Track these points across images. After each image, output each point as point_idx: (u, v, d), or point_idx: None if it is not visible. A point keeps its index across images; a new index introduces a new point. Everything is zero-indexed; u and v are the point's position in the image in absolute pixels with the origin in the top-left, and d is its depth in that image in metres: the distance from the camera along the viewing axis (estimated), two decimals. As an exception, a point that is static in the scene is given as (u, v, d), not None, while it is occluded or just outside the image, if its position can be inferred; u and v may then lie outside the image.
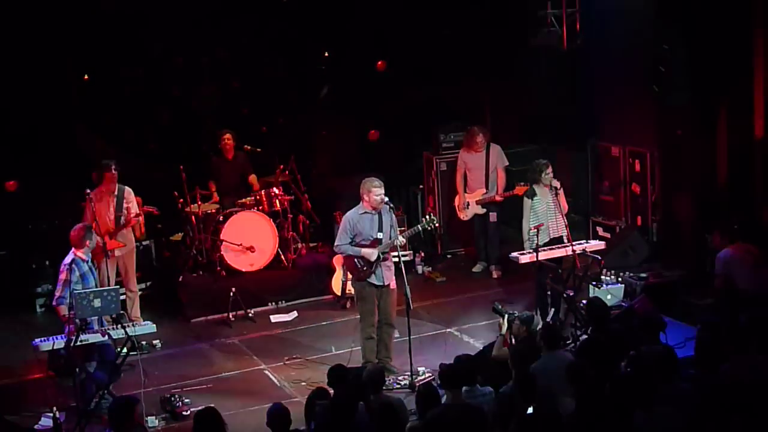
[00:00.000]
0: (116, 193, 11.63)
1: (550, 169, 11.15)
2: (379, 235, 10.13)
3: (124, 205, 11.65)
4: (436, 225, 10.36)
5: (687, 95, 12.24)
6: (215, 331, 12.13)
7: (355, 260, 10.17)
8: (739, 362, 7.58)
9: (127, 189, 11.75)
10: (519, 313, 9.59)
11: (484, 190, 13.23)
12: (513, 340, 9.29)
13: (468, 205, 13.32)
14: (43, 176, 13.28)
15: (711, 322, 8.40)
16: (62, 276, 9.67)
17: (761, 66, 11.78)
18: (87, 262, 9.78)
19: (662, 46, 12.20)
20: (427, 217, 10.41)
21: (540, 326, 9.35)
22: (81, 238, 9.83)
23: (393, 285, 10.31)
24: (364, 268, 10.15)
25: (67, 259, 9.73)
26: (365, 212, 10.14)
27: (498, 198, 13.07)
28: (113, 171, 11.55)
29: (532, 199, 11.12)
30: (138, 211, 11.76)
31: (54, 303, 9.79)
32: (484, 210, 13.26)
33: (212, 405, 8.23)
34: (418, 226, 10.54)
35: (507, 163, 13.33)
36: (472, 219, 13.47)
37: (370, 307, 10.24)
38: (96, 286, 9.76)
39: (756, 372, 7.40)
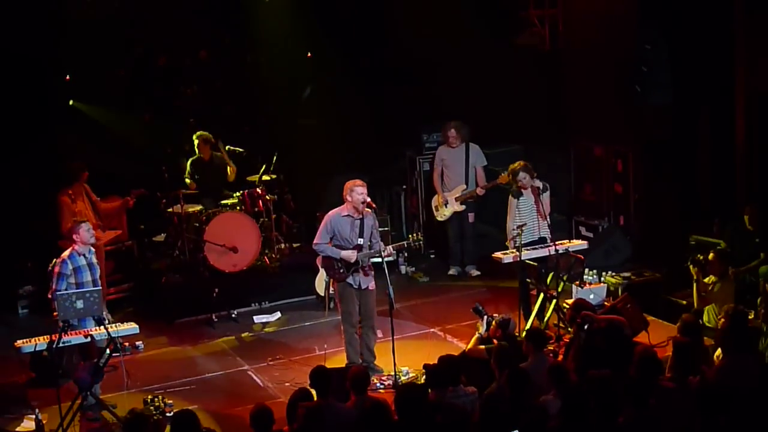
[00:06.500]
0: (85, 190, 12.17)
1: (522, 174, 10.99)
2: (360, 241, 10.10)
3: (93, 199, 12.22)
4: (421, 244, 10.45)
5: (669, 95, 12.30)
6: (198, 331, 12.10)
7: (334, 260, 10.17)
8: (727, 363, 7.61)
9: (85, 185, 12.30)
10: (497, 316, 9.75)
11: (464, 186, 13.11)
12: (492, 341, 9.42)
13: (447, 203, 13.19)
14: (25, 177, 13.21)
15: (689, 324, 8.44)
16: (56, 269, 9.64)
17: (743, 66, 11.84)
18: (85, 256, 9.74)
19: (645, 46, 12.25)
20: (414, 235, 10.45)
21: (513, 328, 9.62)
22: (68, 232, 9.90)
23: (372, 286, 10.30)
24: (341, 270, 10.13)
25: (65, 253, 9.71)
26: (348, 215, 10.09)
27: (480, 191, 12.97)
28: (85, 171, 12.02)
29: (518, 199, 11.07)
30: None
31: (49, 296, 9.72)
32: (464, 207, 13.15)
33: (189, 408, 8.18)
34: (404, 242, 10.60)
35: (485, 163, 13.27)
36: (447, 221, 13.30)
37: (351, 308, 10.22)
38: (92, 283, 9.71)
39: (743, 372, 7.45)
